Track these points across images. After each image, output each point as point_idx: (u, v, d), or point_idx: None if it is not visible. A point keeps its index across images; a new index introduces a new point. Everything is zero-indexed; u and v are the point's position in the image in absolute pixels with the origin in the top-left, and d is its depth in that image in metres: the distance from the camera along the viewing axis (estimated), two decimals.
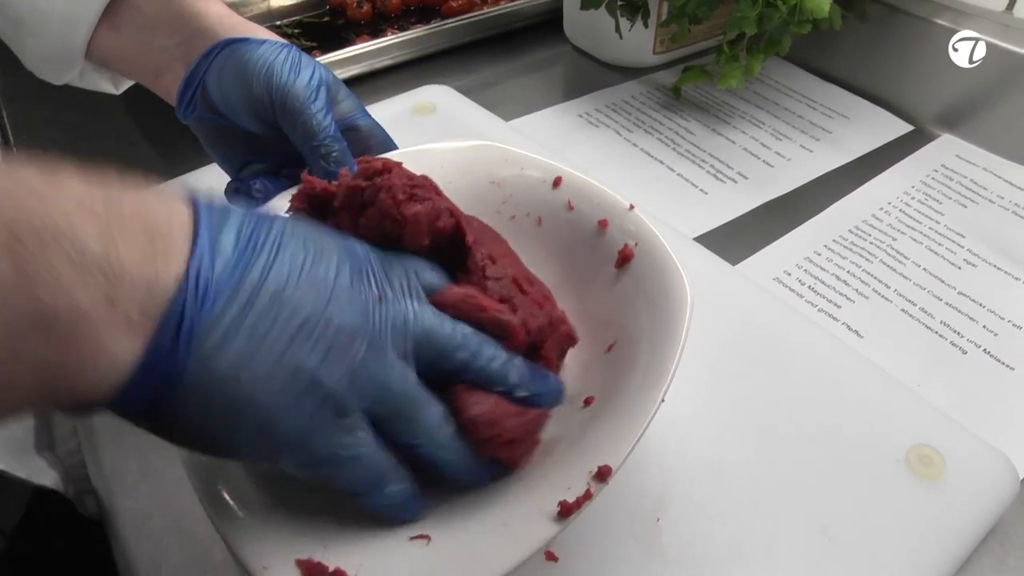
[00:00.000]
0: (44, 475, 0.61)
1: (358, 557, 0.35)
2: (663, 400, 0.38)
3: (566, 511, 0.35)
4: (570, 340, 0.43)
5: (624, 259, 0.47)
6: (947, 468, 0.47)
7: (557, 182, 0.51)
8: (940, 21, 0.79)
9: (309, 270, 0.32)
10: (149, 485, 0.50)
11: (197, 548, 0.46)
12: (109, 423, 0.54)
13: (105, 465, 0.52)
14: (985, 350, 0.58)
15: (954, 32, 0.78)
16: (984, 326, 0.60)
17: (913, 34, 0.82)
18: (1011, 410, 0.54)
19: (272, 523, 0.36)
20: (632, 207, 0.48)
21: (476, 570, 0.34)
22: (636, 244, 0.47)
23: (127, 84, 0.66)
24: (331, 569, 0.34)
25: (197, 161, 0.67)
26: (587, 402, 0.42)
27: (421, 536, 0.37)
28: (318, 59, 0.84)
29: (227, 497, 0.37)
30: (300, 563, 0.34)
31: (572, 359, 0.45)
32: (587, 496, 0.35)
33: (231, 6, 0.98)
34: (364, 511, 0.36)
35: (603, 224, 0.49)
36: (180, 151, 0.77)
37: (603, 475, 0.36)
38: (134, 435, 0.50)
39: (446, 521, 0.38)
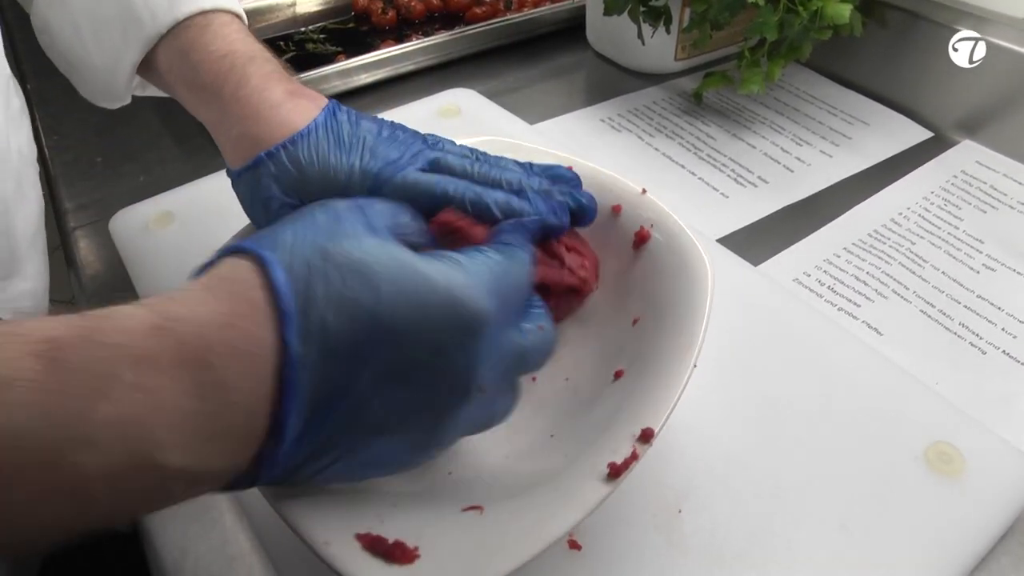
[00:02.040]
0: None
1: (416, 530, 0.36)
2: (695, 365, 0.40)
3: (615, 472, 0.36)
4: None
5: (641, 240, 0.48)
6: (967, 465, 0.48)
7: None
8: (961, 28, 0.80)
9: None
10: None
11: (223, 535, 0.47)
12: None
13: None
14: (1004, 351, 0.58)
15: (975, 38, 0.78)
16: (1003, 328, 0.60)
17: (934, 40, 0.82)
18: None
19: (326, 500, 0.37)
20: (644, 191, 0.49)
21: (535, 533, 0.35)
22: (652, 225, 0.48)
23: None
24: (391, 541, 0.35)
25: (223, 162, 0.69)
26: (617, 375, 0.44)
27: (473, 507, 0.38)
28: (343, 63, 0.86)
29: None
30: (360, 537, 0.35)
31: (597, 336, 0.47)
32: (634, 457, 0.37)
33: (257, 11, 1.00)
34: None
35: (616, 209, 0.50)
36: (208, 151, 0.78)
37: (646, 437, 0.38)
38: None
39: (493, 492, 0.40)
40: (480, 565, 0.34)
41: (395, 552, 0.35)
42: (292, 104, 0.44)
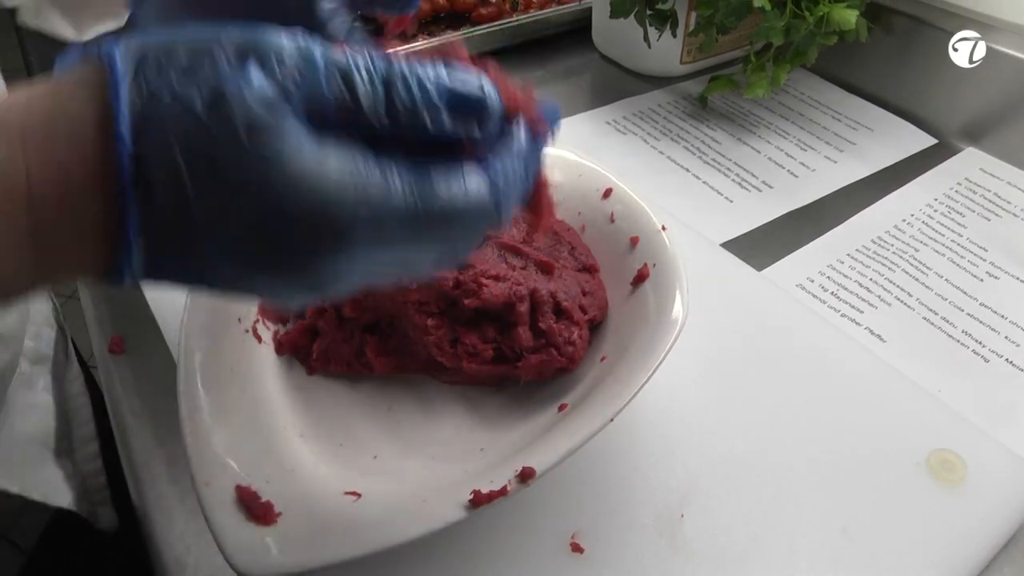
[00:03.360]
0: (60, 493, 0.62)
1: (292, 498, 0.39)
2: (612, 419, 0.41)
3: (477, 501, 0.38)
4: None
5: (640, 278, 0.50)
6: (968, 473, 0.48)
7: (607, 193, 0.54)
8: (967, 35, 0.80)
9: None
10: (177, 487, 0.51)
11: None
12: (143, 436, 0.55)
13: (137, 465, 0.53)
14: (1007, 359, 0.58)
15: (975, 39, 0.78)
16: (1006, 336, 0.60)
17: (938, 47, 0.82)
18: None
19: (240, 451, 0.42)
20: (664, 228, 0.50)
21: (377, 533, 0.37)
22: (655, 265, 0.49)
23: (93, 29, 0.63)
24: (263, 500, 0.39)
25: None
26: (561, 408, 0.45)
27: (354, 493, 0.41)
28: None
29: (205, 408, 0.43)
30: (239, 488, 0.39)
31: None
32: (502, 492, 0.38)
33: None
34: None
35: (634, 241, 0.51)
36: None
37: (526, 476, 0.39)
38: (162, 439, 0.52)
39: (381, 483, 0.42)
40: (317, 545, 0.37)
41: (260, 510, 0.38)
42: None
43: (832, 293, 0.64)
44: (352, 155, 0.28)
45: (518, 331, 0.47)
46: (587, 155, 0.58)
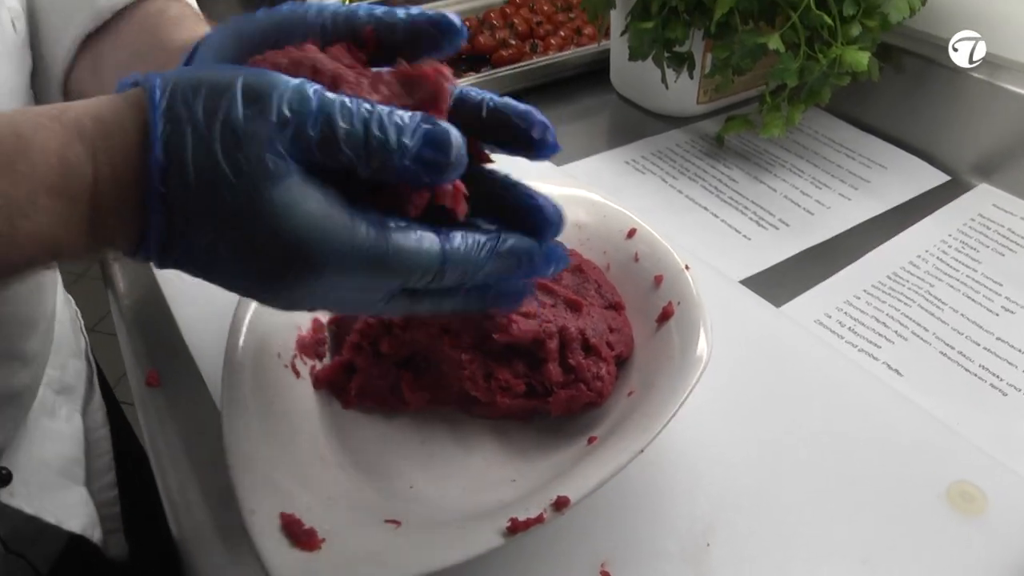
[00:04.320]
0: (74, 517, 0.64)
1: (334, 526, 0.41)
2: (642, 451, 0.43)
3: (514, 528, 0.40)
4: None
5: (665, 316, 0.52)
6: (988, 504, 0.49)
7: (631, 233, 0.57)
8: (976, 74, 0.82)
9: None
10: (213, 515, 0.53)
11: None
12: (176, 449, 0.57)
13: (174, 493, 0.55)
14: None
15: (988, 84, 0.81)
16: (1023, 370, 0.62)
17: (949, 86, 0.84)
18: None
19: (279, 479, 0.44)
20: (687, 267, 0.52)
21: (417, 560, 0.39)
22: (679, 303, 0.52)
23: None
24: (306, 527, 0.40)
25: None
26: (590, 441, 0.47)
27: (393, 521, 0.43)
28: None
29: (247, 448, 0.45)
30: (283, 515, 0.41)
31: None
32: (538, 520, 0.40)
33: None
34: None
35: (659, 279, 0.53)
36: None
37: (560, 505, 0.41)
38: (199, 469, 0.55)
39: (419, 513, 0.45)
40: (360, 570, 0.39)
41: (304, 537, 0.40)
42: None
43: (849, 328, 0.65)
44: (329, 201, 0.34)
45: (548, 367, 0.49)
46: (610, 196, 0.61)
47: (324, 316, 0.56)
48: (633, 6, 0.84)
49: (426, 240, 0.36)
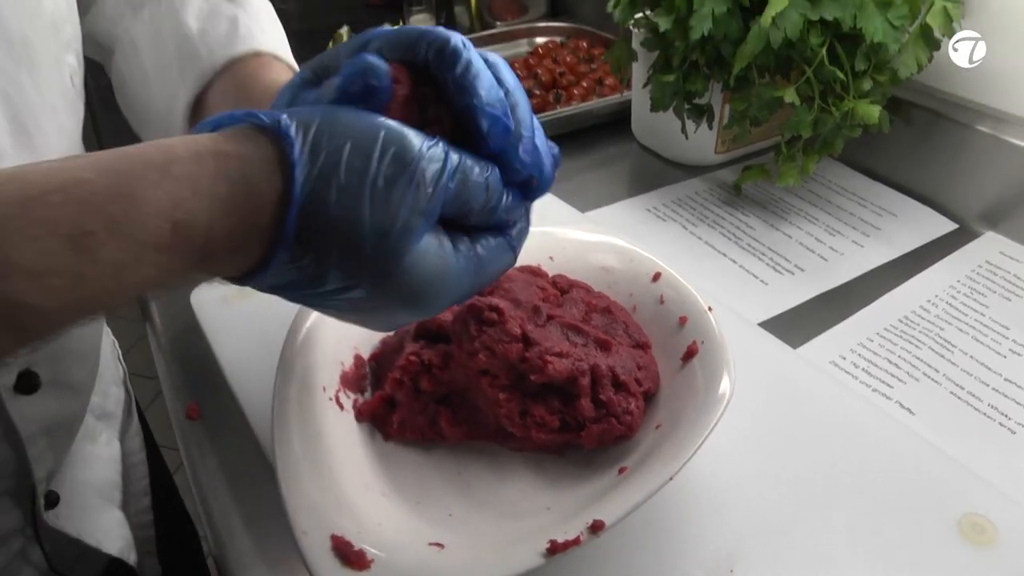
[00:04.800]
0: (112, 539, 0.67)
1: (382, 547, 0.44)
2: (671, 478, 0.46)
3: (553, 550, 0.43)
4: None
5: (690, 354, 0.55)
6: (999, 536, 0.52)
7: (656, 277, 0.60)
8: (981, 127, 0.86)
9: None
10: (255, 541, 0.56)
11: None
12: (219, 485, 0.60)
13: (216, 521, 0.58)
14: None
15: (993, 137, 0.84)
16: None
17: (956, 138, 0.88)
18: None
19: (327, 502, 0.47)
20: (711, 309, 0.56)
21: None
22: (703, 342, 0.55)
23: None
24: (356, 548, 0.43)
25: None
26: (621, 471, 0.50)
27: (437, 544, 0.46)
28: None
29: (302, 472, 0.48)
30: (334, 537, 0.44)
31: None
32: (576, 542, 0.43)
33: None
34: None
35: (683, 320, 0.57)
36: None
37: (596, 528, 0.44)
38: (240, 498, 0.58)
39: (462, 537, 0.47)
40: None
41: (354, 558, 0.43)
42: None
43: (864, 369, 0.68)
44: (445, 248, 0.38)
45: (581, 402, 0.52)
46: (636, 241, 0.64)
47: (365, 353, 0.59)
48: (655, 60, 0.88)
49: (504, 251, 0.42)
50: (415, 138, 0.36)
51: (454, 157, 0.37)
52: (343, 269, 0.36)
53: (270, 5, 0.64)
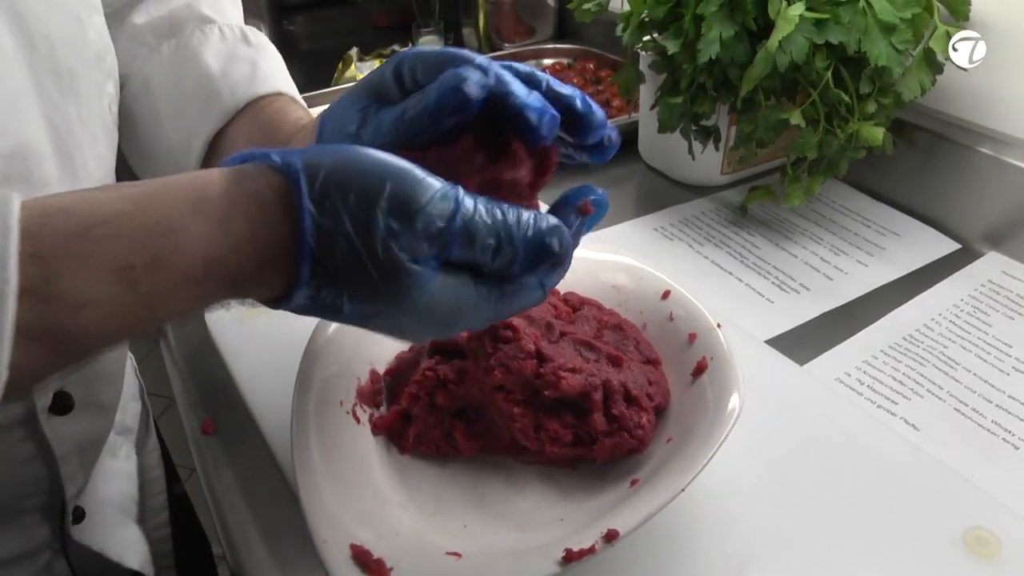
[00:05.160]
0: (133, 554, 0.68)
1: (400, 556, 0.45)
2: (683, 489, 0.47)
3: (569, 558, 0.44)
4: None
5: (700, 370, 0.57)
6: (1003, 549, 0.53)
7: (665, 295, 0.62)
8: (983, 149, 0.87)
9: None
10: (271, 552, 0.57)
11: None
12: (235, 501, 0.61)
13: (233, 533, 0.59)
14: None
15: (995, 159, 0.86)
16: None
17: (959, 160, 0.90)
18: None
19: (347, 512, 0.48)
20: (719, 325, 0.57)
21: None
22: (712, 358, 0.56)
23: None
24: (375, 557, 0.44)
25: None
26: (633, 483, 0.52)
27: (454, 554, 0.47)
28: None
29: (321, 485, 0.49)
30: (353, 546, 0.45)
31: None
32: (591, 551, 0.44)
33: None
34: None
35: (692, 337, 0.58)
36: None
37: (611, 537, 0.45)
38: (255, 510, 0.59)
39: (478, 547, 0.49)
40: None
41: (373, 565, 0.44)
42: None
43: (868, 386, 0.69)
44: (461, 283, 0.39)
45: (593, 417, 0.53)
46: (644, 260, 0.65)
47: (380, 368, 0.61)
48: (663, 82, 0.90)
49: (532, 289, 0.42)
50: (424, 188, 0.37)
51: (467, 205, 0.38)
52: (359, 303, 0.38)
53: (276, 50, 0.67)
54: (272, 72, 0.62)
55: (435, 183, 0.37)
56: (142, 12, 0.63)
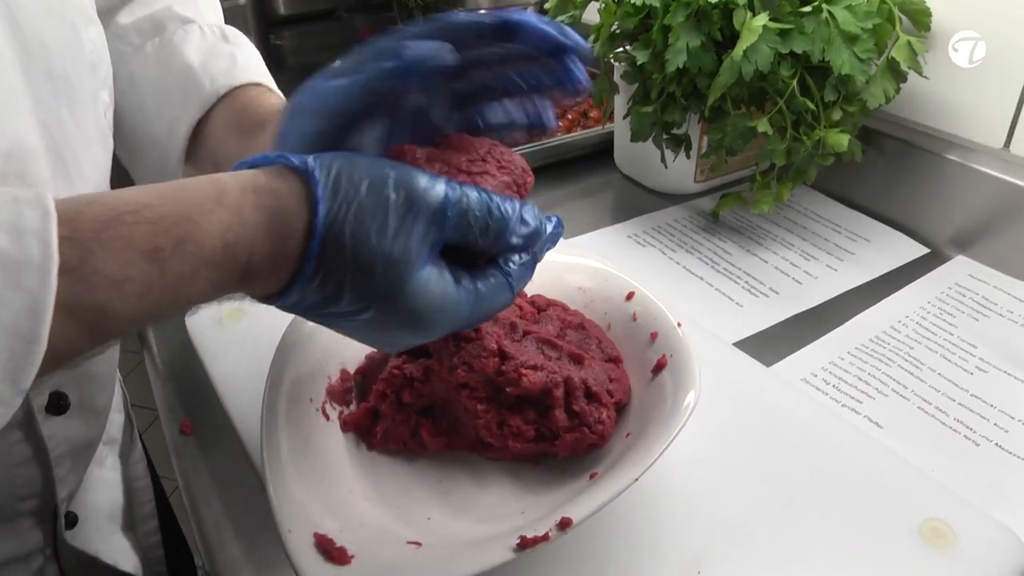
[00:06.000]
0: (126, 558, 0.69)
1: (362, 544, 0.47)
2: (636, 480, 0.48)
3: (523, 544, 0.46)
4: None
5: (659, 367, 0.58)
6: (957, 539, 0.54)
7: (630, 296, 0.63)
8: (950, 156, 0.89)
9: None
10: (244, 549, 0.58)
11: None
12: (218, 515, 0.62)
13: (207, 531, 0.60)
14: (996, 443, 0.65)
15: (962, 165, 0.87)
16: (995, 424, 0.67)
17: (927, 167, 0.91)
18: (1022, 495, 0.60)
19: (312, 503, 0.49)
20: (680, 324, 0.59)
21: (439, 572, 0.45)
22: (671, 356, 0.58)
23: None
24: (337, 545, 0.46)
25: None
26: (592, 476, 0.53)
27: (415, 543, 0.48)
28: None
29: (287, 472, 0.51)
30: (317, 535, 0.46)
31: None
32: (544, 538, 0.46)
33: None
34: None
35: (654, 336, 0.60)
36: None
37: (564, 524, 0.46)
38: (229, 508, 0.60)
39: (438, 536, 0.51)
40: None
41: (336, 553, 0.45)
42: None
43: (834, 386, 0.71)
44: (446, 278, 0.43)
45: (555, 413, 0.54)
46: (612, 263, 0.67)
47: (351, 367, 0.62)
48: (635, 92, 0.91)
49: (506, 292, 0.46)
50: (420, 179, 0.41)
51: (455, 192, 0.42)
52: (356, 291, 0.40)
53: (253, 46, 0.70)
54: (248, 63, 0.65)
55: (427, 174, 0.42)
56: (127, 13, 0.66)
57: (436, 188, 0.41)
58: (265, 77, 0.65)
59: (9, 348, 0.32)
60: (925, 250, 0.90)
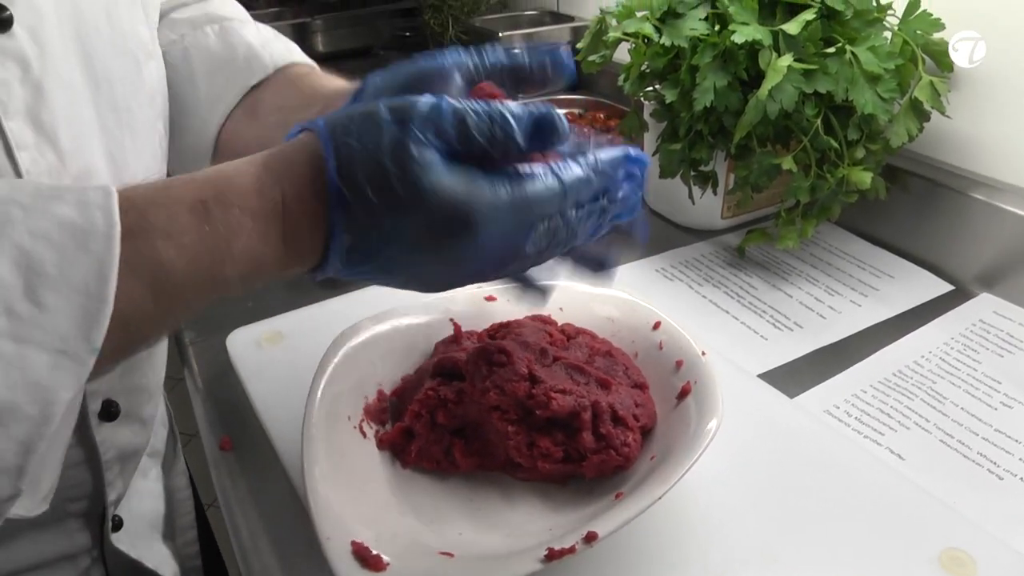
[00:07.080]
0: (167, 566, 0.72)
1: (397, 553, 0.49)
2: (660, 498, 0.50)
3: (551, 556, 0.47)
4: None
5: (683, 394, 0.60)
6: (978, 569, 0.55)
7: (656, 326, 0.66)
8: (975, 194, 0.90)
9: None
10: (281, 561, 0.60)
11: None
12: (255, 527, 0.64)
13: (244, 543, 0.62)
14: (1021, 478, 0.65)
15: (987, 204, 0.89)
16: (1020, 459, 0.67)
17: (952, 205, 0.93)
18: None
19: (350, 511, 0.52)
20: (704, 353, 0.61)
21: None
22: (695, 383, 0.60)
23: None
24: (373, 552, 0.48)
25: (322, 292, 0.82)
26: (617, 496, 0.54)
27: (447, 553, 0.51)
28: None
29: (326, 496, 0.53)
30: (354, 543, 0.48)
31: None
32: (571, 550, 0.48)
33: None
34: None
35: (679, 364, 0.62)
36: (305, 285, 0.90)
37: (590, 538, 0.48)
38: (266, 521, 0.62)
39: (470, 548, 0.52)
40: None
41: (372, 560, 0.47)
42: None
43: (856, 418, 0.72)
44: (471, 174, 0.42)
45: (582, 435, 0.56)
46: (639, 294, 0.69)
47: (387, 388, 0.64)
48: (663, 130, 0.94)
49: (548, 177, 0.44)
50: (410, 97, 0.43)
51: (446, 102, 0.43)
52: (383, 208, 0.41)
53: None
54: (302, 55, 0.70)
55: (425, 95, 0.43)
56: (181, 11, 0.71)
57: (423, 99, 0.42)
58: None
59: (82, 306, 0.36)
60: (949, 287, 0.91)
